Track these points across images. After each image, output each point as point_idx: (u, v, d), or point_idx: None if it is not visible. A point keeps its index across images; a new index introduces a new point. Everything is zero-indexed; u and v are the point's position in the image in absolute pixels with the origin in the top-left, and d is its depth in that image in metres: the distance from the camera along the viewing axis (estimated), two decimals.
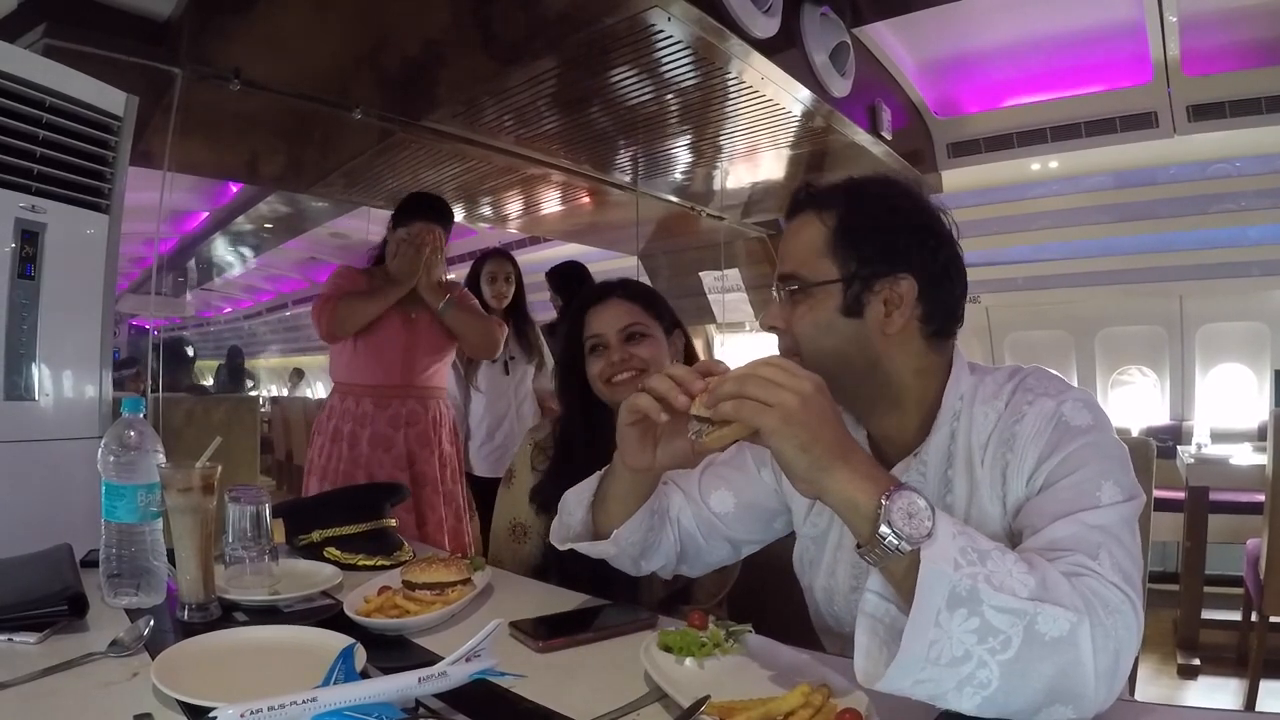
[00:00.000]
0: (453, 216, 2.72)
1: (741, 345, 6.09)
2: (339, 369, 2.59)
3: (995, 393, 0.99)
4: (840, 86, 3.14)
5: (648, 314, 1.57)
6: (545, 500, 1.58)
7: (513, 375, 3.33)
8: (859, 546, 0.77)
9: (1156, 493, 1.33)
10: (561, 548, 1.17)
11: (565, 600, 1.25)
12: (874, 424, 1.06)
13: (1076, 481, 0.87)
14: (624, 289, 1.60)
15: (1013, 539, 0.90)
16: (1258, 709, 2.72)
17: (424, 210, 2.58)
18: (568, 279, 3.77)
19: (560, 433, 1.63)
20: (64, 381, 1.88)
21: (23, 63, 1.74)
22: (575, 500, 1.17)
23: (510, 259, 3.38)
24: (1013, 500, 0.93)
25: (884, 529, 0.73)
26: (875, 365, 1.00)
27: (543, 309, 3.99)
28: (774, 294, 1.06)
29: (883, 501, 0.74)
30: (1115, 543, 0.80)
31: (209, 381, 10.08)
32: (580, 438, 1.56)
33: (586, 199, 4.59)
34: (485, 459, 3.35)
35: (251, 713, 0.69)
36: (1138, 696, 0.90)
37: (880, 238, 0.98)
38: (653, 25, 2.40)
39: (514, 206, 4.76)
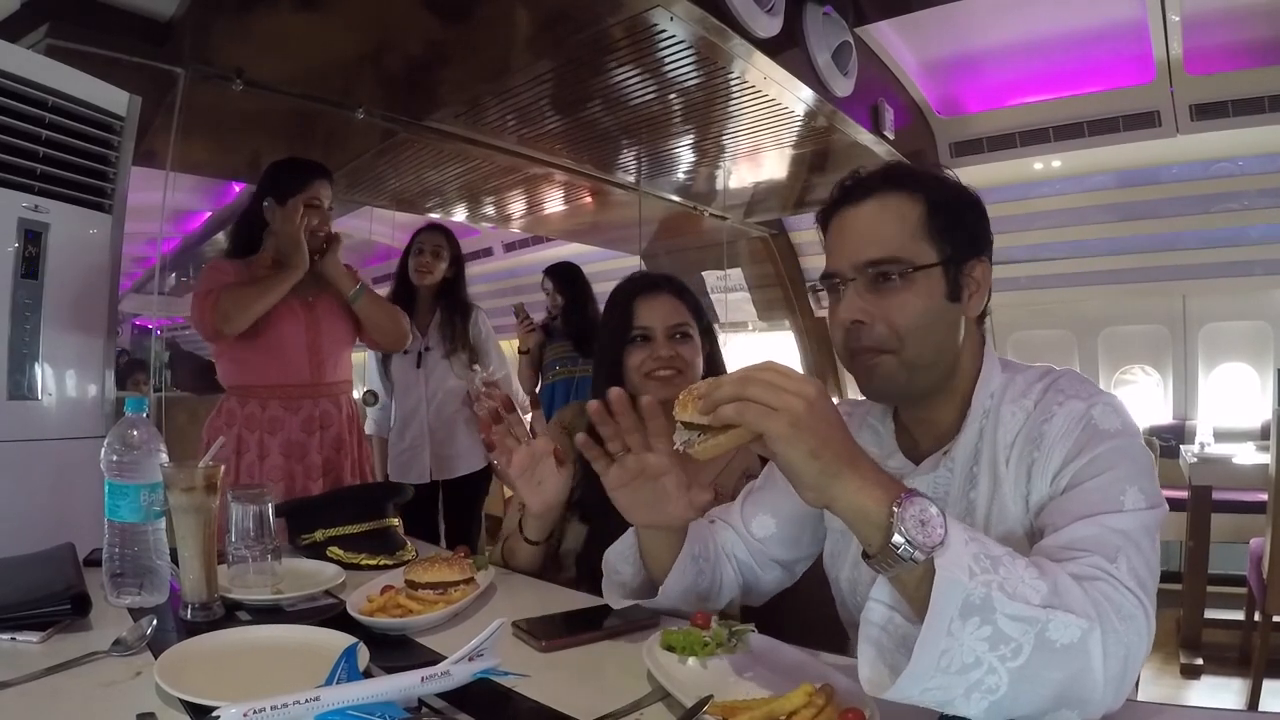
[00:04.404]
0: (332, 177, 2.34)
1: (744, 345, 6.09)
2: (232, 369, 2.23)
3: (1025, 391, 0.98)
4: (843, 86, 3.14)
5: (691, 315, 1.57)
6: (590, 508, 1.54)
7: (424, 368, 2.95)
8: (868, 556, 0.75)
9: None
10: (618, 607, 1.14)
11: (568, 600, 1.26)
12: (919, 412, 1.06)
13: (1101, 484, 0.86)
14: (672, 285, 1.59)
15: (1032, 538, 0.90)
16: (1260, 709, 2.72)
17: (309, 172, 2.23)
18: (566, 277, 3.75)
19: (589, 427, 1.60)
20: (67, 381, 1.88)
21: (25, 63, 1.74)
22: (619, 558, 1.16)
23: (446, 234, 3.03)
24: (1035, 499, 0.93)
25: (897, 537, 0.71)
26: (958, 351, 1.00)
27: (534, 310, 3.95)
28: (839, 283, 1.00)
29: (894, 509, 0.72)
30: (1134, 549, 0.80)
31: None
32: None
33: (589, 199, 4.59)
34: (394, 460, 3.02)
35: (254, 712, 0.69)
36: (1140, 696, 0.90)
37: (966, 219, 0.99)
38: (655, 25, 2.40)
39: (517, 206, 4.75)
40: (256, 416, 2.19)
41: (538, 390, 3.86)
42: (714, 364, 1.60)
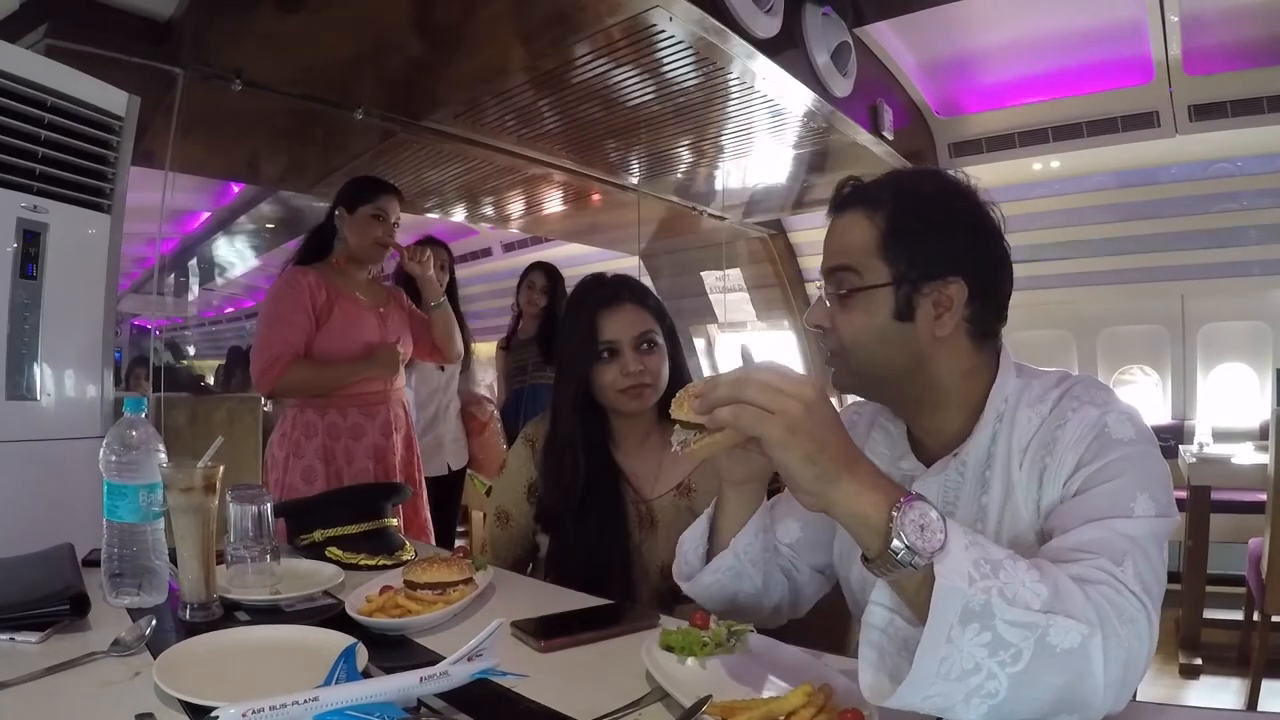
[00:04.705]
0: None
1: (743, 342, 6.09)
2: None
3: (1041, 397, 0.98)
4: (842, 86, 3.14)
5: (655, 319, 1.57)
6: (549, 520, 1.58)
7: (444, 372, 3.22)
8: (867, 560, 0.75)
9: None
10: (685, 586, 1.16)
11: (567, 600, 1.26)
12: (916, 422, 1.06)
13: (1111, 490, 0.86)
14: (632, 292, 1.59)
15: (1041, 541, 0.90)
16: (1259, 709, 2.72)
17: (378, 188, 2.40)
18: (555, 277, 3.73)
19: (550, 440, 1.60)
20: (66, 381, 1.87)
21: (24, 63, 1.73)
22: (689, 541, 1.16)
23: (445, 246, 3.23)
24: (1046, 503, 0.92)
25: (896, 543, 0.70)
26: (922, 368, 0.99)
27: (500, 314, 3.94)
28: (817, 290, 1.04)
29: (893, 514, 0.72)
30: (1141, 554, 0.79)
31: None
32: (572, 446, 1.55)
33: (588, 199, 4.59)
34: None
35: (253, 712, 0.69)
36: (1139, 696, 0.90)
37: (931, 240, 0.96)
38: (654, 25, 2.40)
39: (516, 206, 4.76)
40: (339, 425, 2.30)
41: (503, 401, 3.86)
42: (677, 364, 1.59)
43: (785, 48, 2.77)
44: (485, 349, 4.16)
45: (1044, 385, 0.99)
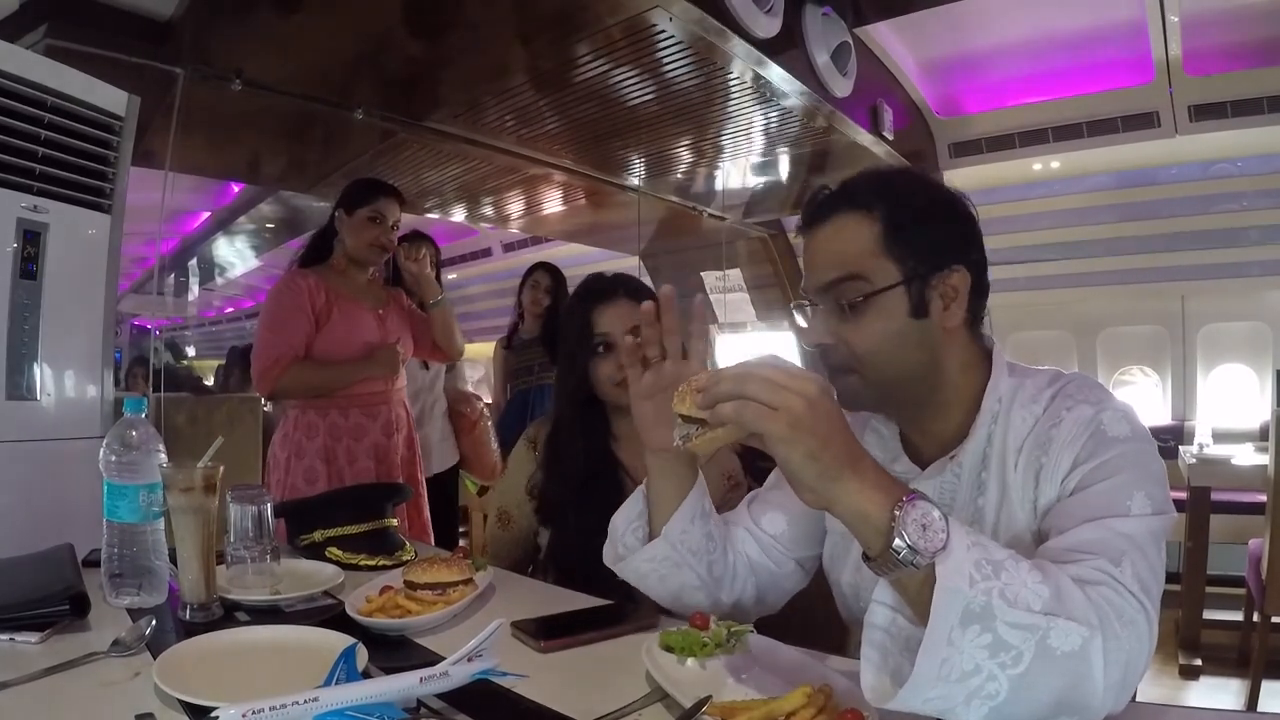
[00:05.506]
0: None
1: (743, 345, 6.08)
2: None
3: (1034, 396, 0.97)
4: (842, 86, 3.14)
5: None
6: (550, 510, 1.59)
7: (429, 371, 3.19)
8: (868, 559, 0.74)
9: None
10: (616, 568, 1.15)
11: (567, 600, 1.26)
12: (917, 424, 1.05)
13: (1108, 488, 0.86)
14: (628, 288, 1.60)
15: (1040, 543, 0.89)
16: (1259, 709, 2.72)
17: (376, 189, 2.42)
18: (559, 277, 3.73)
19: (552, 431, 1.62)
20: (66, 381, 1.87)
21: (24, 63, 1.74)
22: (626, 526, 1.14)
23: (428, 239, 3.22)
24: (1043, 503, 0.92)
25: (898, 542, 0.70)
26: (936, 365, 0.98)
27: (499, 315, 3.92)
28: (807, 306, 1.01)
29: (895, 513, 0.71)
30: (1139, 553, 0.79)
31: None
32: (572, 437, 1.56)
33: (588, 199, 4.59)
34: None
35: (254, 712, 0.69)
36: (1139, 697, 0.90)
37: (931, 230, 0.96)
38: (654, 25, 2.40)
39: (515, 206, 4.75)
40: (340, 425, 2.31)
41: (504, 399, 3.85)
42: None
43: (785, 48, 2.76)
44: (475, 348, 4.14)
45: (1037, 384, 0.99)
